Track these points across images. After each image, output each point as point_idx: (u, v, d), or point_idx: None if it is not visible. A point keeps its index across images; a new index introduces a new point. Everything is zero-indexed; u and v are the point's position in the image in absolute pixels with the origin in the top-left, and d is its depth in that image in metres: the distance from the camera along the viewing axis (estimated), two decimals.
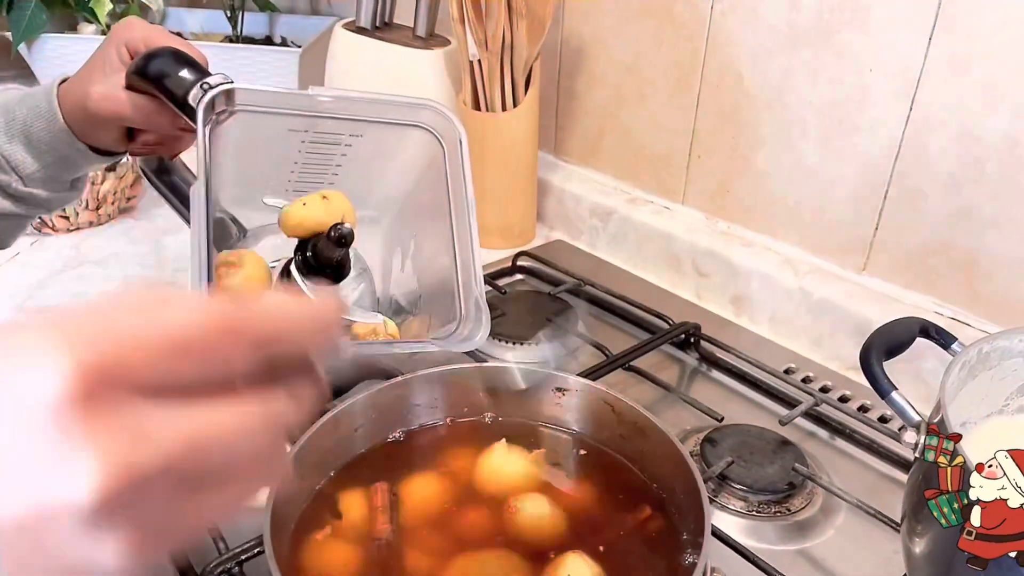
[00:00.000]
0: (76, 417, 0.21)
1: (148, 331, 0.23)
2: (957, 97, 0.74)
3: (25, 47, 1.28)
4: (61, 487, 0.21)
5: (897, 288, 0.84)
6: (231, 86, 0.59)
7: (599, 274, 1.00)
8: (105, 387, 0.22)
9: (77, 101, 0.61)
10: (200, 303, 0.24)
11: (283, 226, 0.65)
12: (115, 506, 0.22)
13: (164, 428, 0.23)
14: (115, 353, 0.22)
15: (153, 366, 0.23)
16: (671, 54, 0.98)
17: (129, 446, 0.22)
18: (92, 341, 0.22)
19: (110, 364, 0.22)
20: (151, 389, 0.23)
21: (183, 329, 0.23)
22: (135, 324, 0.23)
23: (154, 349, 0.23)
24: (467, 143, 0.69)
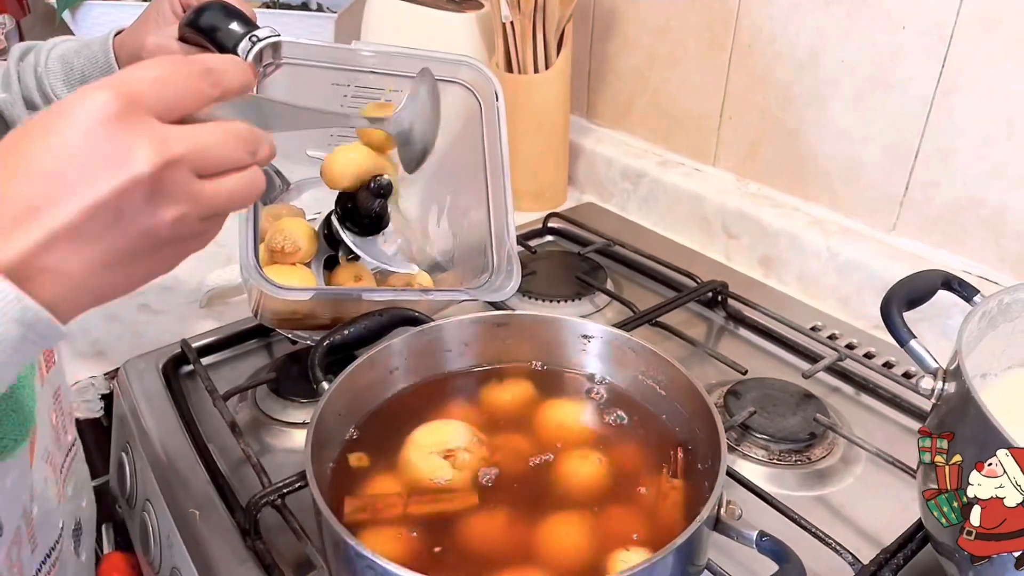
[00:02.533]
0: (120, 125, 0.33)
1: (145, 74, 0.35)
2: (988, 54, 0.74)
3: (69, 14, 1.31)
4: (130, 167, 0.32)
5: (926, 247, 0.85)
6: (279, 39, 0.62)
7: (629, 235, 1.02)
8: (133, 108, 0.33)
9: (132, 52, 0.64)
10: (163, 56, 0.37)
11: (325, 176, 0.67)
12: (162, 181, 0.34)
13: (178, 133, 0.35)
14: (133, 89, 0.34)
15: (158, 95, 0.35)
16: (703, 15, 0.98)
17: (162, 141, 0.34)
18: (117, 84, 0.34)
19: (133, 95, 0.33)
20: (158, 116, 0.35)
21: (162, 70, 0.36)
22: (135, 74, 0.35)
23: (152, 83, 0.35)
24: (503, 98, 0.71)
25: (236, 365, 0.80)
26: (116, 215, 0.33)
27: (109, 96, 0.32)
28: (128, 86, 0.34)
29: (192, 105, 0.36)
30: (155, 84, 0.35)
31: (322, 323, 0.66)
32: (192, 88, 0.36)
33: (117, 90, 0.33)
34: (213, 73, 0.37)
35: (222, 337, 0.81)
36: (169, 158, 0.33)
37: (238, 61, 0.40)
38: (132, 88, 0.34)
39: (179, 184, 0.34)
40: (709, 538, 0.47)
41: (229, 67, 0.38)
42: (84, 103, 0.32)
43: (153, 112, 0.34)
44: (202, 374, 0.73)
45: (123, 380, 0.77)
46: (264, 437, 0.71)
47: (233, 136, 0.37)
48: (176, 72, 0.36)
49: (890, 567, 0.56)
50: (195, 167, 0.35)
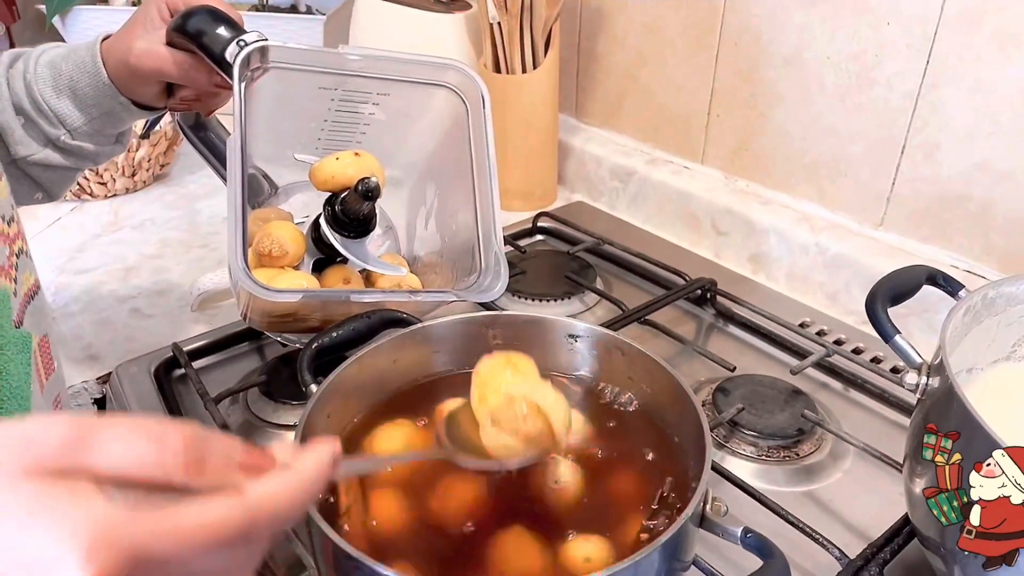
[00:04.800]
0: None
1: (170, 524, 0.26)
2: (972, 50, 0.75)
3: (59, 19, 1.32)
4: None
5: (913, 242, 0.85)
6: (266, 43, 0.62)
7: (619, 234, 1.02)
8: None
9: (120, 57, 0.64)
10: (218, 505, 0.27)
11: (314, 179, 0.68)
12: None
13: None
14: (140, 545, 0.25)
15: (173, 554, 0.26)
16: (689, 13, 0.99)
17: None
18: (114, 540, 0.24)
19: (130, 558, 0.25)
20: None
21: (201, 526, 0.26)
22: (158, 520, 0.26)
23: (176, 542, 0.26)
24: (490, 102, 0.71)
25: (227, 368, 0.80)
26: None
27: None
28: (129, 545, 0.25)
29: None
30: (178, 543, 0.26)
31: (311, 326, 0.67)
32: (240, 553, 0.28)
33: (102, 558, 0.24)
34: (272, 523, 0.29)
35: (213, 340, 0.81)
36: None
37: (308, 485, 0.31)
38: (134, 549, 0.25)
39: None
40: (695, 535, 0.47)
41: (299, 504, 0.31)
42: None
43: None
44: (193, 377, 0.73)
45: (115, 384, 0.77)
46: (256, 439, 0.71)
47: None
48: (222, 531, 0.27)
49: (876, 562, 0.56)
50: None
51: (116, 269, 0.98)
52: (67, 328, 0.86)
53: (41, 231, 1.06)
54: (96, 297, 0.93)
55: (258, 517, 0.28)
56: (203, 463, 0.28)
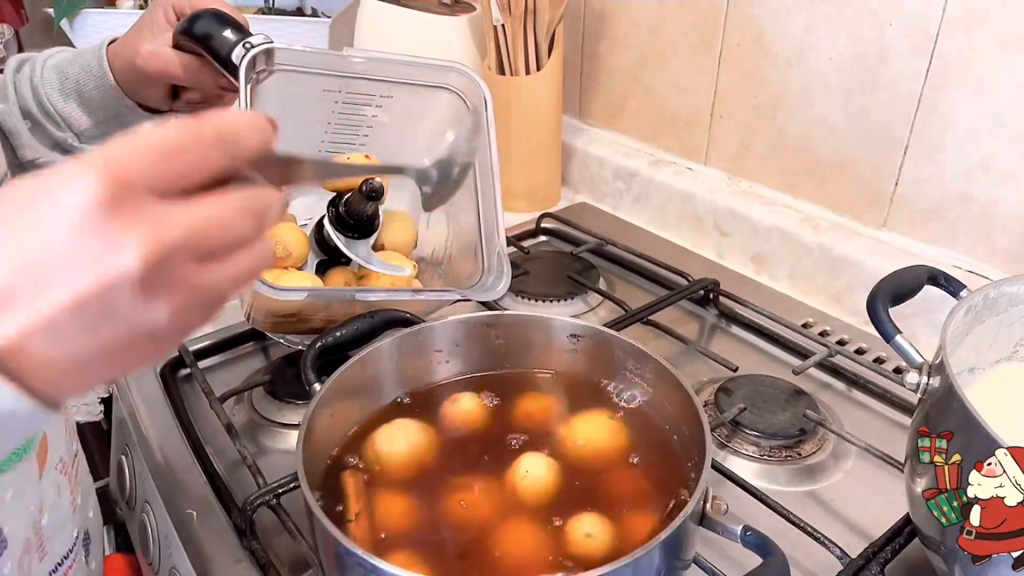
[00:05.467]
0: (110, 215, 0.29)
1: (142, 145, 0.31)
2: (975, 50, 0.75)
3: (67, 22, 1.33)
4: (116, 262, 0.29)
5: (916, 243, 0.85)
6: (272, 45, 0.62)
7: (622, 234, 1.03)
8: (125, 192, 0.29)
9: (127, 60, 0.65)
10: (170, 124, 0.32)
11: None
12: (156, 274, 0.29)
13: (177, 216, 0.30)
14: (126, 167, 0.30)
15: (154, 172, 0.30)
16: (692, 15, 0.99)
17: (156, 229, 0.29)
18: (107, 162, 0.30)
19: (124, 175, 0.29)
20: (157, 194, 0.30)
21: (165, 139, 0.31)
22: (132, 145, 0.31)
23: (150, 157, 0.31)
24: (492, 104, 0.72)
25: (232, 368, 0.81)
26: (103, 312, 0.29)
27: (96, 181, 0.29)
28: (118, 166, 0.30)
29: (199, 177, 0.32)
30: (152, 158, 0.31)
31: (314, 326, 0.67)
32: (203, 161, 0.32)
33: (106, 172, 0.29)
34: (224, 139, 0.33)
35: (219, 341, 0.81)
36: (164, 248, 0.29)
37: (255, 119, 0.35)
38: (123, 168, 0.30)
39: (176, 275, 0.30)
40: (696, 533, 0.47)
41: (244, 128, 0.34)
42: (68, 187, 0.29)
43: (150, 189, 0.30)
44: (199, 377, 0.74)
45: (122, 384, 0.78)
46: (260, 438, 0.72)
47: (240, 209, 0.33)
48: (184, 142, 0.32)
49: (878, 561, 0.56)
50: (195, 252, 0.31)
51: None
52: None
53: None
54: None
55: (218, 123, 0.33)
56: None
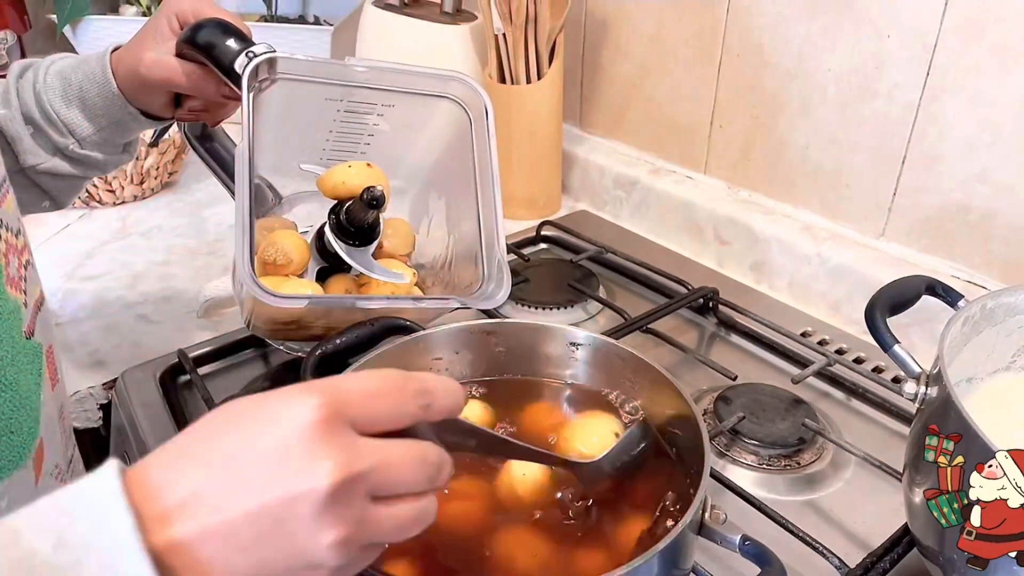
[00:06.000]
0: (319, 435, 0.32)
1: (358, 384, 0.35)
2: (972, 61, 0.75)
3: (70, 29, 1.33)
4: (310, 478, 0.31)
5: (914, 252, 0.86)
6: (274, 55, 0.63)
7: (622, 243, 1.03)
8: (337, 420, 0.33)
9: (130, 67, 0.65)
10: (382, 371, 0.36)
11: (323, 185, 0.69)
12: (338, 500, 0.31)
13: (367, 448, 0.33)
14: (343, 399, 0.33)
15: (363, 406, 0.34)
16: (693, 25, 0.99)
17: (350, 457, 0.32)
18: (329, 391, 0.33)
19: (340, 405, 0.33)
20: (361, 425, 0.34)
21: (376, 384, 0.35)
22: (351, 382, 0.35)
23: (363, 394, 0.34)
24: (493, 113, 0.72)
25: (232, 375, 0.81)
26: (277, 524, 0.31)
27: (318, 403, 0.32)
28: (339, 396, 0.33)
29: (397, 424, 0.35)
30: (366, 398, 0.34)
31: (313, 334, 0.67)
32: (402, 408, 0.35)
33: (328, 399, 0.32)
34: (428, 395, 0.36)
35: (218, 347, 0.81)
36: (352, 474, 0.32)
37: (453, 387, 0.38)
38: (342, 398, 0.33)
39: (352, 504, 0.32)
40: (694, 542, 0.47)
41: (443, 391, 0.37)
42: (294, 407, 0.32)
43: (354, 424, 0.33)
44: (198, 384, 0.74)
45: (121, 390, 0.78)
46: None
47: (419, 459, 0.35)
48: (391, 389, 0.35)
49: (876, 571, 0.56)
50: (373, 488, 0.33)
51: (123, 276, 0.99)
52: (74, 334, 0.87)
53: (50, 238, 1.08)
54: (103, 303, 0.94)
55: (423, 379, 0.37)
56: None
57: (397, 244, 0.75)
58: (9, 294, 0.52)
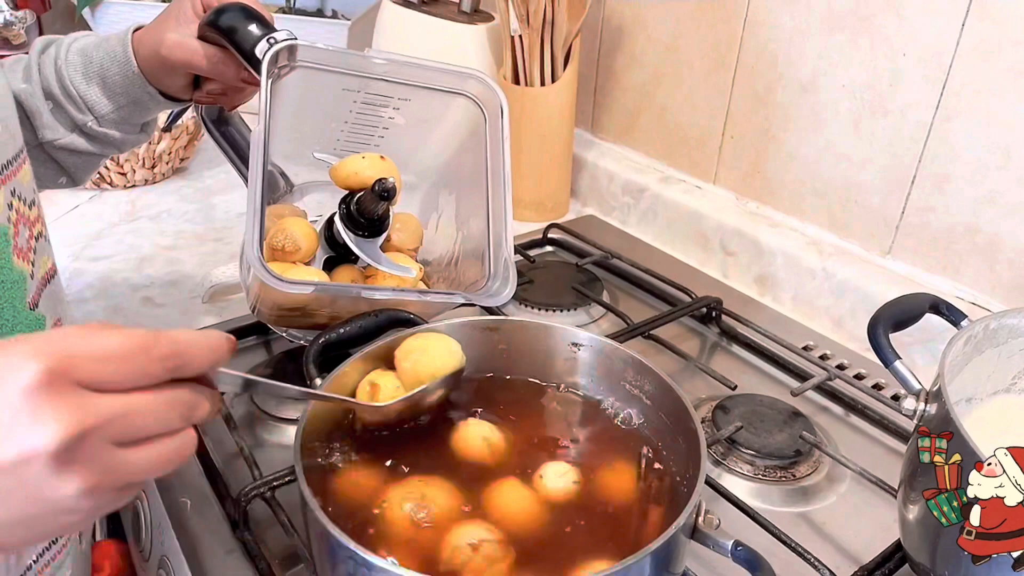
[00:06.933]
0: (41, 397, 0.33)
1: (91, 346, 0.35)
2: (987, 83, 0.75)
3: (89, 11, 1.34)
4: (35, 437, 0.32)
5: (920, 271, 0.86)
6: (295, 42, 0.63)
7: (628, 249, 1.03)
8: (61, 381, 0.33)
9: (151, 48, 0.66)
10: (130, 331, 0.36)
11: (336, 174, 0.69)
12: (72, 452, 0.33)
13: (101, 403, 0.34)
14: (69, 363, 0.34)
15: (92, 370, 0.34)
16: (709, 35, 1.00)
17: (77, 413, 0.33)
18: (54, 355, 0.33)
19: (64, 369, 0.33)
20: (92, 386, 0.34)
21: (114, 347, 0.35)
22: (84, 342, 0.35)
23: (93, 358, 0.34)
24: (508, 113, 0.72)
25: (234, 361, 0.79)
26: (17, 483, 0.33)
27: (38, 368, 0.33)
28: (65, 360, 0.34)
29: (137, 384, 0.36)
30: (99, 361, 0.34)
31: (318, 322, 0.68)
32: (143, 370, 0.36)
33: (49, 363, 0.33)
34: (177, 357, 0.37)
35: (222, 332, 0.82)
36: (81, 431, 0.33)
37: (214, 342, 0.39)
38: (63, 361, 0.33)
39: (91, 456, 0.34)
40: (686, 546, 0.48)
41: (198, 351, 0.38)
42: (14, 371, 0.33)
43: (84, 383, 0.34)
44: None
45: None
46: (258, 432, 0.72)
47: (167, 402, 0.37)
48: (132, 350, 0.35)
49: None
50: (114, 436, 0.34)
51: (131, 258, 1.00)
52: (80, 314, 0.88)
53: (60, 217, 1.08)
54: (110, 284, 0.94)
55: (160, 338, 0.36)
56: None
57: (405, 238, 0.76)
58: (15, 264, 0.52)
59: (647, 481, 0.55)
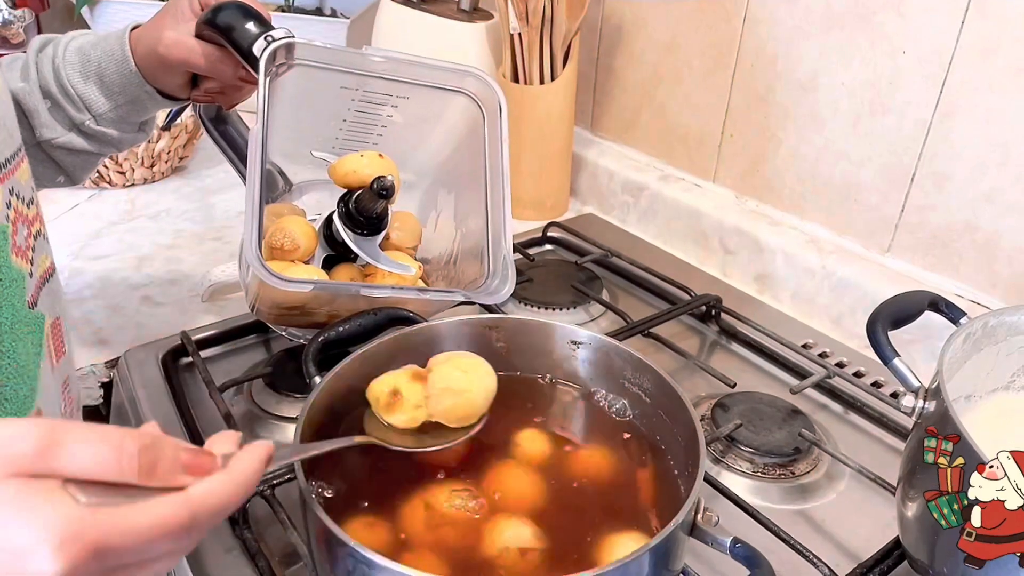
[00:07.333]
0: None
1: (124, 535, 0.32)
2: (986, 81, 0.75)
3: (87, 10, 1.34)
4: None
5: (919, 269, 0.86)
6: (293, 40, 0.63)
7: (627, 247, 1.03)
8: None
9: (149, 46, 0.66)
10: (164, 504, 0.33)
11: (335, 172, 0.69)
12: None
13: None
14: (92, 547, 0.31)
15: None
16: (708, 34, 1.00)
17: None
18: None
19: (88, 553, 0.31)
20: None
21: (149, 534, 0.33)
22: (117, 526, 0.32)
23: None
24: (507, 111, 0.72)
25: (234, 359, 0.81)
26: None
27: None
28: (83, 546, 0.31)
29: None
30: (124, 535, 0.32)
31: (317, 320, 0.68)
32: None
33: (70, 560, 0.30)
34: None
35: (221, 331, 0.82)
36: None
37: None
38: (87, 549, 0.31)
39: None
40: (685, 543, 0.48)
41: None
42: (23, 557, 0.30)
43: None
44: (200, 366, 0.75)
45: (123, 369, 0.78)
46: (258, 430, 0.72)
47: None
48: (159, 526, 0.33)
49: None
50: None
51: (130, 257, 1.00)
52: (79, 312, 0.88)
53: (59, 216, 1.08)
54: (109, 283, 0.94)
55: (198, 512, 0.34)
56: (155, 466, 0.34)
57: (404, 237, 0.76)
58: (13, 262, 0.52)
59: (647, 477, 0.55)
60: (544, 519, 0.51)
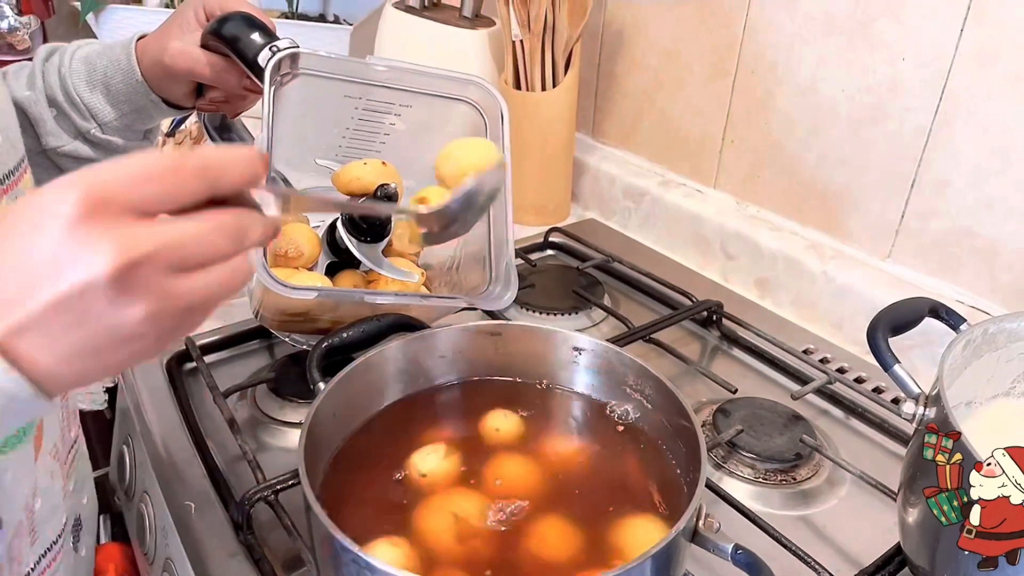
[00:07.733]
0: (88, 227, 0.32)
1: (123, 171, 0.34)
2: (986, 88, 0.76)
3: (93, 17, 1.35)
4: (88, 268, 0.32)
5: (920, 275, 0.86)
6: (297, 50, 0.64)
7: (629, 252, 1.03)
8: (102, 209, 0.33)
9: (155, 56, 0.66)
10: (158, 153, 0.35)
11: (339, 180, 0.70)
12: (127, 280, 0.33)
13: (151, 230, 0.34)
14: (106, 190, 0.33)
15: (130, 193, 0.34)
16: (709, 40, 1.00)
17: (126, 240, 0.33)
18: (88, 184, 0.33)
19: (102, 194, 0.33)
20: (136, 213, 0.34)
21: (145, 166, 0.35)
22: (115, 168, 0.34)
23: (129, 180, 0.34)
24: (508, 119, 0.73)
25: (238, 364, 0.81)
26: (80, 313, 0.33)
27: (76, 197, 0.33)
28: (99, 187, 0.33)
29: (177, 202, 0.35)
30: (135, 181, 0.34)
31: (320, 327, 0.68)
32: (177, 186, 0.35)
33: (86, 191, 0.33)
34: (210, 170, 0.36)
35: (225, 337, 0.82)
36: (133, 258, 0.33)
37: (247, 155, 0.38)
38: (103, 189, 0.33)
39: (146, 283, 0.34)
40: (686, 549, 0.48)
41: (232, 164, 0.37)
42: (53, 204, 0.33)
43: (129, 209, 0.34)
44: (204, 371, 0.75)
45: (128, 374, 0.79)
46: (261, 435, 0.72)
47: (216, 228, 0.36)
48: (165, 170, 0.35)
49: None
50: (168, 264, 0.34)
51: None
52: None
53: None
54: None
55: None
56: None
57: (406, 244, 0.76)
58: None
59: (649, 483, 0.56)
60: (544, 524, 0.51)
